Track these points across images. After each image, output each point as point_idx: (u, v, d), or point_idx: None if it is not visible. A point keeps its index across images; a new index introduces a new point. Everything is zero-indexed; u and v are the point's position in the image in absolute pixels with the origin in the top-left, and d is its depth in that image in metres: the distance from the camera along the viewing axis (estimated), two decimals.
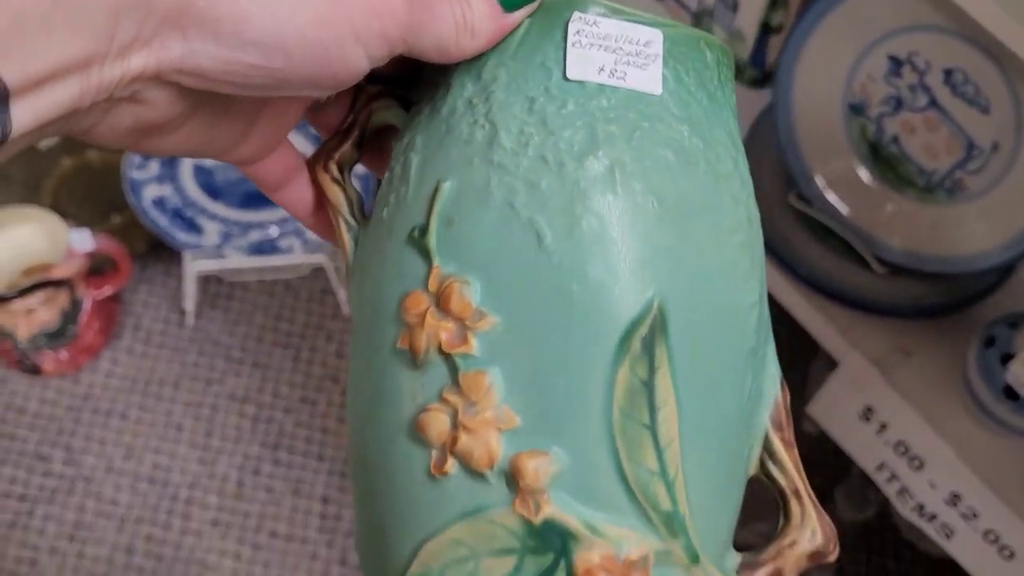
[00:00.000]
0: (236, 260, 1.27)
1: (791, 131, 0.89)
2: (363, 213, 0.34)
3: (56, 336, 1.26)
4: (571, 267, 0.28)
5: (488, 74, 0.30)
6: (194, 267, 1.28)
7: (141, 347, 1.34)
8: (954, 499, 0.84)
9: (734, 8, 0.97)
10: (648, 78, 0.29)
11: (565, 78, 0.29)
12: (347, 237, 0.34)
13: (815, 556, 0.31)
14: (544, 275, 0.28)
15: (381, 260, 0.31)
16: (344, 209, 0.34)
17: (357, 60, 0.27)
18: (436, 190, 0.30)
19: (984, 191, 0.84)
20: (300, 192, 0.35)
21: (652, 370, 0.28)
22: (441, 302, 0.28)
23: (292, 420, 1.30)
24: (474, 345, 0.28)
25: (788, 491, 0.31)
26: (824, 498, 1.37)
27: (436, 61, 0.29)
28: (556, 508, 0.27)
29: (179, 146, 0.29)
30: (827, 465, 1.28)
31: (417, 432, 0.29)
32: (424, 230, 0.29)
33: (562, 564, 0.27)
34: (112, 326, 1.33)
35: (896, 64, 0.84)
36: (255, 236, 1.25)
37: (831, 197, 0.89)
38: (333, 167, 0.34)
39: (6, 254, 1.21)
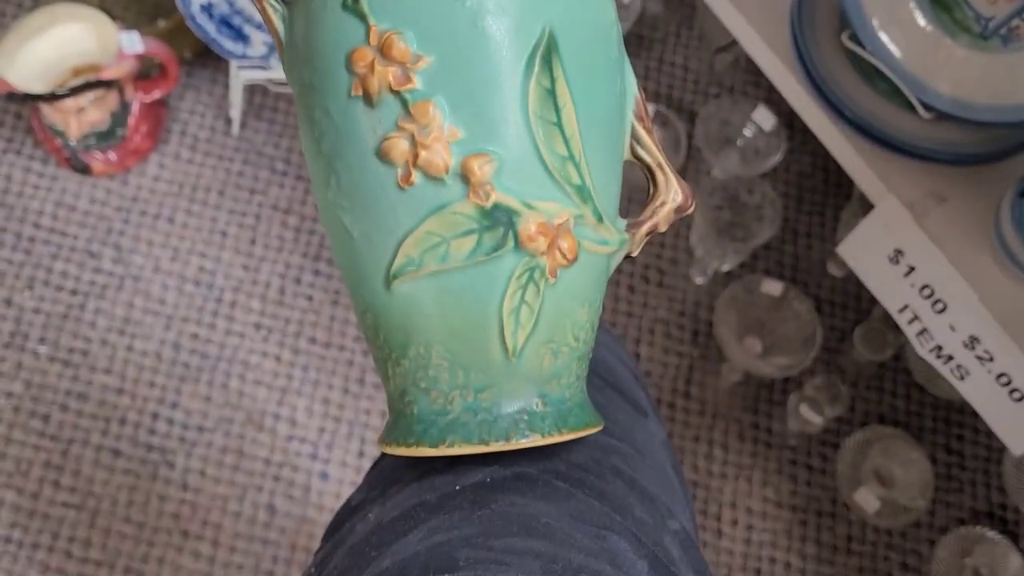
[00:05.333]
0: (283, 71, 1.27)
1: None
2: None
3: (105, 137, 1.29)
4: (480, 7, 0.35)
5: None
6: (241, 77, 1.29)
7: (188, 153, 1.37)
8: (972, 342, 0.87)
9: None
10: None
11: None
12: (276, 19, 0.40)
13: (679, 210, 0.42)
14: (461, 17, 0.35)
15: (319, 29, 0.37)
16: None
17: None
18: None
19: None
20: None
21: (552, 80, 0.36)
22: (384, 52, 0.36)
23: None
24: (417, 81, 0.35)
25: (653, 166, 0.42)
26: (843, 338, 1.40)
27: None
28: (500, 193, 0.36)
29: None
30: (848, 308, 1.31)
31: (383, 156, 0.36)
32: None
33: (510, 234, 0.37)
34: (160, 130, 1.35)
35: None
36: None
37: (884, 39, 0.88)
38: None
39: (55, 51, 1.22)
